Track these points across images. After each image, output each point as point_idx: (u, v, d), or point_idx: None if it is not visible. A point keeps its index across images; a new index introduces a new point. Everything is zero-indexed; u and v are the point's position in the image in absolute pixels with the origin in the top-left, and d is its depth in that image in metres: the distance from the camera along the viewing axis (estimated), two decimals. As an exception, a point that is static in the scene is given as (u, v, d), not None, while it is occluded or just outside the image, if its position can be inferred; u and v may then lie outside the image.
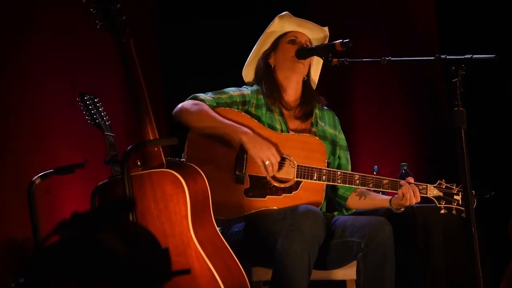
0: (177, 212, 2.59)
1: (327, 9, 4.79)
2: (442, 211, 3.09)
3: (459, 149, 2.56)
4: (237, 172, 3.03)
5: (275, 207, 3.03)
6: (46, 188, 3.71)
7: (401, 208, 3.13)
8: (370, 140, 4.76)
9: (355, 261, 3.00)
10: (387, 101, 4.83)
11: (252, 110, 3.20)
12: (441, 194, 3.09)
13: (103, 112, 3.21)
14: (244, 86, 3.29)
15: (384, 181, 3.08)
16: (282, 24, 3.23)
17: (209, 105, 3.10)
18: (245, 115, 3.14)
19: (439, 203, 3.09)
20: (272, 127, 3.15)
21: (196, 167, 2.74)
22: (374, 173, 3.90)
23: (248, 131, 3.02)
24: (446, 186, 3.10)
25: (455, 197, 3.08)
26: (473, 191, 2.90)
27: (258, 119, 3.16)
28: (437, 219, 3.76)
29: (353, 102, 4.81)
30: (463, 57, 2.57)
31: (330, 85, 4.65)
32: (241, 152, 3.04)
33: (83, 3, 2.63)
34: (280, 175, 3.07)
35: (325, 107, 3.36)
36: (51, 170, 3.14)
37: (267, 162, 2.99)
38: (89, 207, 2.89)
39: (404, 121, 4.81)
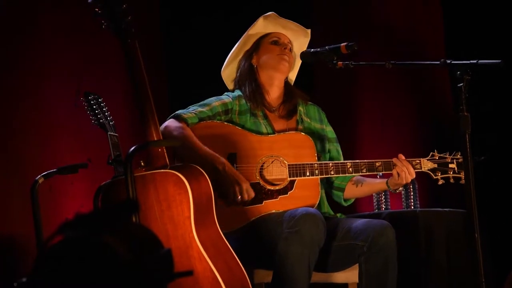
0: (180, 213, 2.59)
1: (332, 13, 4.78)
2: (440, 182, 3.10)
3: (464, 154, 2.56)
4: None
5: (273, 211, 3.03)
6: (49, 188, 3.71)
7: (399, 188, 3.13)
8: (373, 144, 4.75)
9: (357, 264, 3.00)
10: (391, 106, 4.82)
11: (236, 117, 3.20)
12: (435, 165, 3.11)
13: (107, 112, 3.20)
14: (225, 94, 3.29)
15: (377, 164, 3.09)
16: (266, 25, 3.24)
17: (191, 123, 3.10)
18: (228, 125, 3.14)
19: (435, 175, 3.10)
20: (258, 132, 3.15)
21: (200, 168, 2.73)
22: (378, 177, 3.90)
23: (224, 163, 2.97)
24: (439, 157, 3.11)
25: (450, 165, 3.10)
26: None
27: (242, 126, 3.16)
28: (440, 223, 3.75)
29: (357, 106, 4.81)
30: (468, 62, 2.56)
31: (334, 89, 4.67)
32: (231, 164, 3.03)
33: (89, 4, 2.63)
34: (273, 177, 3.07)
35: (309, 102, 3.36)
36: (54, 170, 3.14)
37: (239, 196, 2.97)
38: (92, 207, 2.89)
39: (409, 126, 4.80)
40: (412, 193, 4.07)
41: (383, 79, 4.71)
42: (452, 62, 2.60)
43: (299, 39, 3.29)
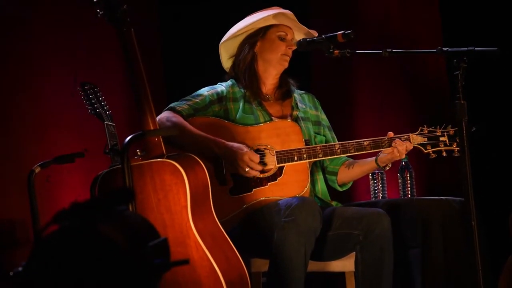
0: (176, 202, 2.59)
1: (329, 5, 4.77)
2: (432, 156, 3.10)
3: (460, 141, 2.56)
4: (218, 173, 3.04)
5: (263, 198, 3.04)
6: (45, 177, 3.71)
7: (388, 165, 3.13)
8: (370, 132, 4.74)
9: (353, 252, 3.01)
10: (388, 94, 4.81)
11: (230, 104, 3.20)
12: (425, 139, 3.11)
13: (104, 102, 3.20)
14: (219, 83, 3.29)
15: (365, 143, 3.10)
16: (277, 16, 3.22)
17: (187, 115, 3.12)
18: (214, 118, 3.16)
19: (426, 149, 3.10)
20: (253, 118, 3.15)
21: (196, 158, 2.73)
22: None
23: (220, 142, 3.02)
24: (429, 131, 3.12)
25: (441, 138, 3.11)
26: (456, 129, 2.92)
27: (237, 112, 3.17)
28: (437, 211, 3.75)
29: (354, 94, 4.80)
30: (465, 49, 2.56)
31: (331, 77, 4.66)
32: (218, 155, 3.04)
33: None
34: (263, 166, 3.08)
35: (303, 91, 3.37)
36: (51, 159, 3.14)
37: (247, 169, 2.99)
38: (89, 196, 2.89)
39: (406, 113, 4.79)
40: (409, 181, 4.07)
41: (380, 68, 4.71)
42: (449, 50, 2.60)
43: (306, 34, 3.27)
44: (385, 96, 4.80)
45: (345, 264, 3.10)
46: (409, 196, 4.04)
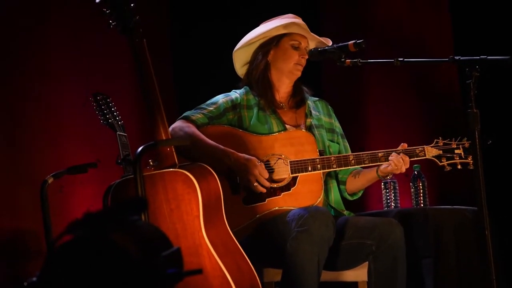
0: (189, 212, 2.59)
1: (340, 12, 4.77)
2: (446, 169, 3.08)
3: (473, 151, 2.55)
4: (231, 183, 3.04)
5: (276, 208, 3.03)
6: (59, 188, 3.73)
7: (387, 175, 3.13)
8: (382, 141, 4.74)
9: (366, 262, 2.99)
10: (400, 102, 4.81)
11: (244, 111, 3.21)
12: (440, 152, 3.09)
13: (116, 112, 3.21)
14: (233, 91, 3.29)
15: (379, 154, 3.09)
16: (289, 26, 3.22)
17: (201, 124, 3.12)
18: (227, 127, 3.15)
19: (441, 162, 3.08)
20: (267, 127, 3.15)
21: (209, 167, 2.74)
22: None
23: (231, 155, 3.02)
24: (444, 143, 3.09)
25: (456, 151, 3.08)
26: (470, 141, 2.89)
27: (251, 120, 3.17)
28: (450, 220, 3.74)
29: (366, 104, 4.80)
30: (477, 58, 2.55)
31: (343, 86, 4.66)
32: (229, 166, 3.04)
33: (97, 4, 2.64)
34: (276, 176, 3.07)
35: (317, 98, 3.36)
36: (64, 170, 3.15)
37: (255, 184, 2.99)
38: (102, 207, 2.90)
39: (418, 123, 4.78)
40: (421, 190, 4.06)
41: (391, 76, 4.70)
42: (461, 58, 2.59)
43: (320, 43, 3.27)
44: (397, 105, 4.79)
45: (358, 274, 3.09)
46: (422, 205, 4.03)
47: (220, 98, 3.23)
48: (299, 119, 3.26)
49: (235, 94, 3.27)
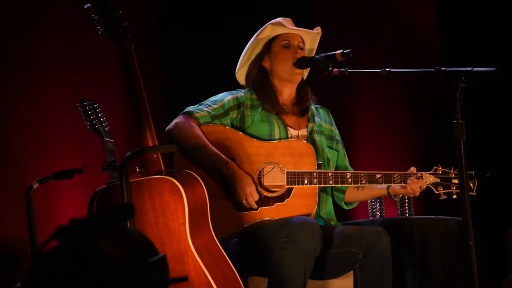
0: (175, 219, 2.59)
1: (329, 20, 4.79)
2: (442, 198, 3.07)
3: (458, 161, 2.57)
4: (226, 188, 3.02)
5: (268, 218, 3.02)
6: (44, 193, 3.71)
7: (398, 196, 3.13)
8: (370, 151, 4.76)
9: (352, 271, 2.99)
10: (387, 111, 4.83)
11: (247, 111, 3.19)
12: (438, 180, 3.08)
13: (103, 118, 3.21)
14: (238, 89, 3.28)
15: (377, 176, 3.07)
16: (274, 29, 3.21)
17: (203, 123, 3.11)
18: (229, 130, 3.13)
19: (437, 190, 3.08)
20: (269, 126, 3.15)
21: (195, 175, 2.73)
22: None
23: (230, 165, 3.00)
24: (443, 171, 3.09)
25: (454, 181, 3.07)
26: (472, 172, 2.91)
27: (253, 119, 3.16)
28: (435, 230, 3.75)
29: (353, 112, 4.82)
30: (463, 69, 2.57)
31: (330, 95, 4.67)
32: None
33: (85, 10, 2.64)
34: (271, 183, 3.06)
35: (318, 105, 3.36)
36: (49, 175, 3.14)
37: (244, 201, 2.99)
38: (87, 212, 2.88)
39: (405, 132, 4.81)
40: (407, 200, 4.08)
41: (379, 86, 4.73)
42: (447, 69, 2.61)
43: (310, 35, 3.26)
44: (384, 115, 4.81)
45: (343, 283, 3.09)
46: (407, 215, 4.04)
47: (225, 96, 3.21)
48: (302, 123, 3.25)
49: (239, 92, 3.25)
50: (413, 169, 3.08)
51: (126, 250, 1.49)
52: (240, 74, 3.31)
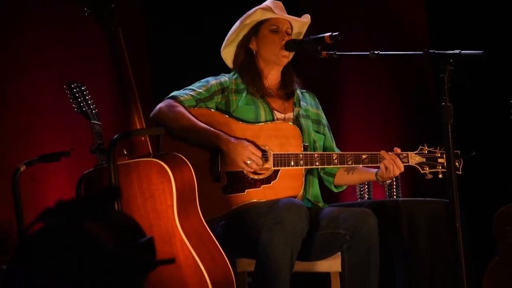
0: (162, 202, 2.59)
1: (317, 3, 4.78)
2: (428, 177, 3.08)
3: (446, 144, 2.58)
4: (213, 170, 3.02)
5: (255, 200, 3.03)
6: (31, 176, 3.70)
7: (387, 181, 3.13)
8: (359, 135, 4.77)
9: (339, 253, 3.01)
10: (376, 95, 4.84)
11: (232, 95, 3.19)
12: (423, 159, 3.08)
13: (90, 101, 3.19)
14: (222, 74, 3.28)
15: (363, 156, 3.08)
16: (264, 13, 3.20)
17: (188, 106, 3.11)
18: (214, 112, 3.13)
19: (423, 169, 3.08)
20: (255, 109, 3.15)
21: (183, 157, 2.73)
22: None
23: (221, 135, 3.02)
24: (428, 151, 3.09)
25: (439, 160, 3.08)
26: (458, 151, 2.92)
27: (238, 104, 3.16)
28: (422, 212, 3.77)
29: (341, 95, 4.82)
30: (451, 52, 2.57)
31: (318, 78, 4.67)
32: (215, 151, 3.03)
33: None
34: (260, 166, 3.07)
35: (304, 90, 3.36)
36: (36, 158, 3.13)
37: (248, 162, 2.99)
38: (75, 195, 2.88)
39: (393, 114, 4.82)
40: (394, 182, 4.09)
41: (367, 70, 4.73)
42: (435, 52, 2.62)
43: (299, 22, 3.25)
44: (372, 98, 4.82)
45: (331, 265, 3.11)
46: (395, 197, 4.06)
47: (209, 81, 3.21)
48: (287, 106, 3.25)
49: (224, 77, 3.24)
50: (396, 149, 3.09)
51: (113, 232, 1.49)
52: (225, 53, 3.29)
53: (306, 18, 3.23)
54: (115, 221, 1.57)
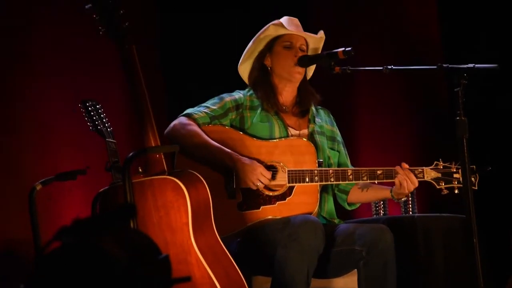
0: (178, 219, 2.59)
1: (327, 16, 4.79)
2: (444, 192, 3.05)
3: (461, 159, 2.56)
4: (228, 187, 3.03)
5: (270, 217, 3.02)
6: (47, 195, 3.71)
7: (402, 197, 3.11)
8: (372, 150, 4.75)
9: (356, 269, 2.99)
10: (389, 110, 4.83)
11: (247, 112, 3.20)
12: (439, 175, 3.07)
13: (105, 119, 3.20)
14: (237, 91, 3.29)
15: (378, 172, 3.06)
16: (277, 29, 3.21)
17: (202, 123, 3.11)
18: (228, 129, 3.14)
19: (439, 185, 3.06)
20: (269, 126, 3.14)
21: (198, 175, 2.73)
22: None
23: (233, 154, 3.02)
24: (444, 166, 3.07)
25: (455, 175, 3.06)
26: (474, 166, 2.90)
27: (252, 121, 3.16)
28: (438, 228, 3.75)
29: (355, 110, 4.81)
30: (465, 66, 2.57)
31: (332, 93, 4.67)
32: (229, 167, 3.03)
33: (87, 10, 2.64)
34: (272, 182, 3.06)
35: (319, 106, 3.35)
36: (52, 176, 3.14)
37: (258, 184, 2.99)
38: (90, 213, 2.89)
39: (407, 129, 4.80)
40: (410, 198, 4.07)
41: (381, 84, 4.72)
42: (449, 66, 2.61)
43: (312, 37, 3.24)
44: (387, 113, 4.81)
45: (347, 282, 3.09)
46: (410, 213, 4.04)
47: (224, 97, 3.21)
48: (302, 124, 3.25)
49: (238, 94, 3.25)
50: (404, 164, 3.06)
51: (128, 251, 1.49)
52: (242, 69, 3.30)
53: (320, 34, 3.24)
54: (131, 239, 1.57)
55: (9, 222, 3.62)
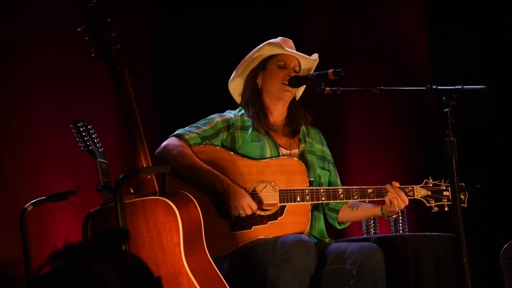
0: (169, 240, 2.59)
1: (318, 36, 4.82)
2: (434, 210, 3.08)
3: (451, 178, 2.58)
4: (219, 207, 3.03)
5: (262, 236, 3.03)
6: (38, 214, 3.70)
7: (393, 215, 3.13)
8: (363, 168, 4.77)
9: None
10: (379, 129, 4.85)
11: (238, 132, 3.21)
12: (429, 193, 3.09)
13: (96, 139, 3.21)
14: (228, 111, 3.30)
15: (369, 190, 3.08)
16: (272, 49, 3.24)
17: (193, 144, 3.12)
18: (219, 150, 3.15)
19: (429, 203, 3.09)
20: (260, 146, 3.16)
21: (189, 195, 2.74)
22: None
23: (224, 180, 3.01)
24: (433, 184, 3.10)
25: (445, 193, 3.08)
26: (463, 184, 2.93)
27: (244, 140, 3.17)
28: (428, 247, 3.76)
29: (345, 129, 4.83)
30: (453, 87, 2.59)
31: (322, 112, 4.70)
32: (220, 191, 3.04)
33: (78, 33, 2.65)
34: (264, 202, 3.07)
35: (310, 126, 3.37)
36: (44, 197, 3.14)
37: (241, 212, 3.00)
38: (81, 234, 2.89)
39: (398, 149, 4.83)
40: (400, 217, 4.09)
41: (371, 104, 4.75)
42: (438, 87, 2.64)
43: (307, 59, 3.26)
44: (376, 132, 4.83)
45: (338, 301, 3.09)
46: (401, 231, 4.05)
47: (215, 118, 3.22)
48: (293, 143, 3.26)
49: (229, 114, 3.26)
50: (394, 183, 3.09)
51: (120, 273, 1.49)
52: (232, 85, 3.31)
53: (314, 57, 3.26)
54: (123, 262, 1.57)
55: (1, 243, 3.60)
